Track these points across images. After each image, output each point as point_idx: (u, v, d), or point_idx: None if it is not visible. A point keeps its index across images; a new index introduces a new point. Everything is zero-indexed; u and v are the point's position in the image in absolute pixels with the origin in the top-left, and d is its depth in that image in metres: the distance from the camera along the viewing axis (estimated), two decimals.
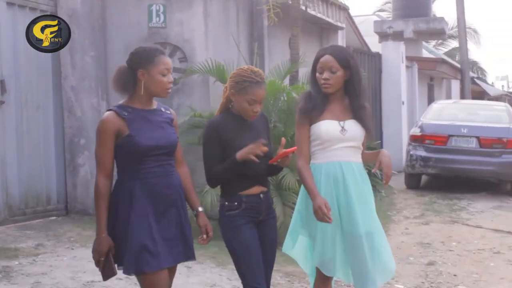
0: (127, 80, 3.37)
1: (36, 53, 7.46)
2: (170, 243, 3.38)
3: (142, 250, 3.26)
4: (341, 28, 12.49)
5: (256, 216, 3.68)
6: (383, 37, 19.38)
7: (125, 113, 3.33)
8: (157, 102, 3.52)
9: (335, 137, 3.72)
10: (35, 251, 6.30)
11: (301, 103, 3.84)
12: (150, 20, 7.88)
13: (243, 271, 3.64)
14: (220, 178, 3.66)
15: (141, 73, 3.34)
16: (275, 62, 8.68)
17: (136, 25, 7.91)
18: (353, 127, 3.77)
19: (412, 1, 21.75)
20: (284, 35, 9.67)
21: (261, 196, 3.70)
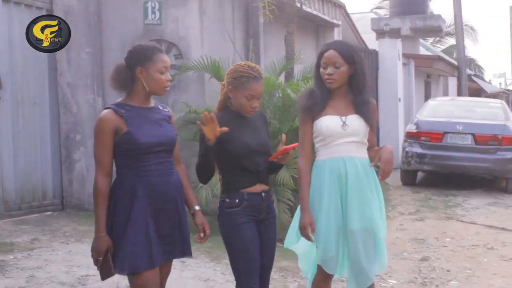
0: (125, 78, 3.36)
1: (32, 50, 7.45)
2: (165, 240, 3.37)
3: (136, 250, 3.25)
4: (337, 25, 12.52)
5: (256, 215, 3.62)
6: (380, 34, 19.42)
7: (123, 110, 3.32)
8: (154, 100, 3.51)
9: (336, 132, 3.69)
10: (30, 246, 6.34)
11: (302, 101, 3.83)
12: (145, 17, 7.91)
13: (240, 270, 3.60)
14: (201, 168, 3.57)
15: (139, 71, 3.33)
16: (270, 59, 8.71)
17: (131, 22, 7.95)
18: (355, 122, 3.72)
19: None
20: (280, 32, 9.70)
21: (262, 195, 3.65)
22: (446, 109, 12.57)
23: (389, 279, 5.89)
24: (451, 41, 32.43)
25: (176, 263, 3.62)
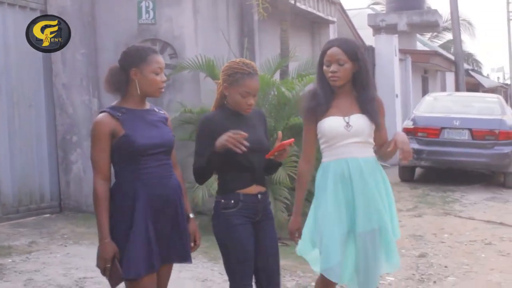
0: (119, 80, 3.31)
1: (26, 51, 7.47)
2: (163, 243, 3.33)
3: (139, 254, 3.21)
4: (332, 22, 12.51)
5: (252, 217, 3.57)
6: (376, 30, 19.41)
7: (119, 113, 3.27)
8: (149, 103, 3.46)
9: (339, 134, 3.61)
10: (28, 249, 6.33)
11: (305, 102, 3.76)
12: (139, 16, 7.90)
13: (234, 271, 3.56)
14: (202, 171, 3.54)
15: (133, 72, 3.28)
16: (266, 56, 8.70)
17: (126, 22, 7.94)
18: (358, 122, 3.63)
19: None
20: (275, 30, 9.69)
21: (259, 196, 3.59)
22: (443, 104, 12.57)
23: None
24: (449, 36, 32.43)
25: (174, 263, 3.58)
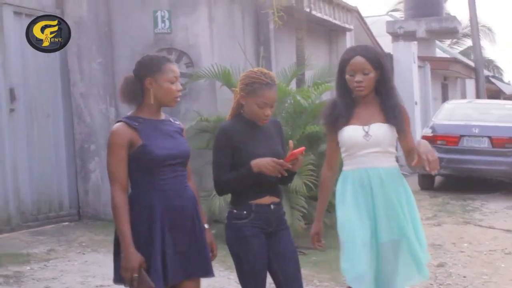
0: (134, 90, 3.28)
1: (44, 61, 7.62)
2: (182, 256, 3.27)
3: (153, 270, 3.16)
4: (349, 30, 12.49)
5: (265, 227, 3.53)
6: (395, 37, 19.36)
7: (135, 123, 3.23)
8: (164, 113, 3.42)
9: (358, 143, 3.56)
10: (46, 256, 6.38)
11: (326, 113, 3.72)
12: (155, 26, 7.94)
13: (247, 282, 3.54)
14: (230, 187, 3.54)
15: (148, 81, 3.25)
16: (282, 64, 8.71)
17: (142, 31, 7.97)
18: (378, 131, 3.56)
19: (424, 0, 21.66)
20: (291, 38, 9.69)
21: (272, 207, 3.55)
22: (462, 112, 12.43)
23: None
24: (469, 42, 32.21)
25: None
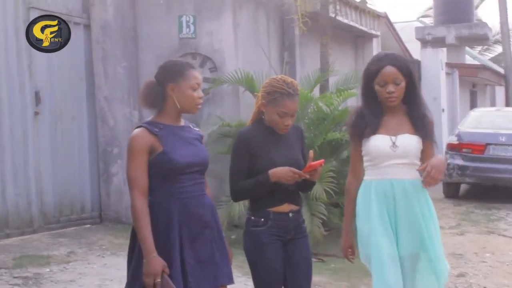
0: (155, 95, 3.23)
1: (69, 65, 7.73)
2: (204, 265, 3.23)
3: (171, 276, 3.10)
4: (375, 36, 12.43)
5: (283, 235, 3.50)
6: (424, 43, 19.21)
7: (156, 129, 3.18)
8: (184, 120, 3.38)
9: (384, 154, 3.47)
10: (66, 259, 6.43)
11: (352, 120, 3.63)
12: (180, 31, 7.98)
13: None
14: (246, 194, 3.53)
15: (170, 87, 3.20)
16: (307, 70, 8.70)
17: (166, 36, 8.03)
18: (406, 143, 3.47)
19: (454, 6, 21.48)
20: (316, 43, 9.67)
21: (290, 215, 3.52)
22: (489, 120, 12.26)
23: None
24: (500, 49, 31.86)
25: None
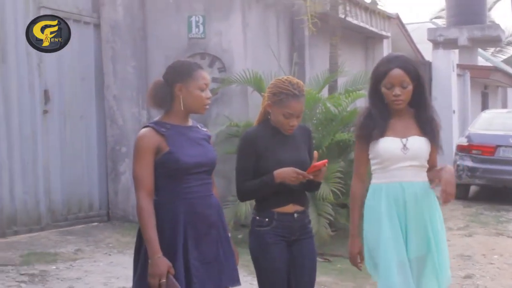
0: (163, 95, 3.21)
1: (79, 64, 7.76)
2: (209, 266, 3.22)
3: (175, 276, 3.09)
4: (386, 37, 12.40)
5: (288, 236, 3.50)
6: (436, 44, 19.15)
7: (163, 129, 3.17)
8: (192, 120, 3.37)
9: (395, 156, 3.41)
10: (73, 256, 6.47)
11: (360, 121, 3.57)
12: (189, 31, 8.01)
13: None
14: (252, 194, 3.53)
15: (178, 87, 3.19)
16: (316, 71, 8.71)
17: (176, 36, 8.06)
18: (416, 145, 3.43)
19: (467, 8, 21.37)
20: (326, 44, 9.66)
21: (295, 215, 3.51)
22: (500, 121, 12.18)
23: None
24: None
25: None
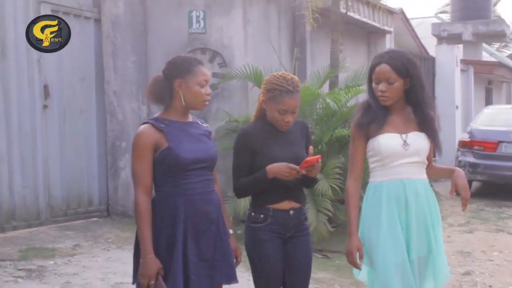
0: (162, 90, 3.21)
1: (79, 59, 7.76)
2: (207, 263, 3.22)
3: (173, 273, 3.11)
4: (388, 32, 12.36)
5: (283, 233, 3.48)
6: (440, 40, 19.08)
7: (162, 125, 3.16)
8: (192, 115, 3.36)
9: (396, 152, 3.34)
10: (71, 251, 6.48)
11: (357, 115, 3.48)
12: (190, 26, 8.00)
13: (260, 285, 3.55)
14: (247, 190, 3.51)
15: (178, 83, 3.18)
16: (318, 66, 8.68)
17: (176, 31, 8.04)
18: (416, 141, 3.37)
19: (472, 2, 21.26)
20: (328, 40, 9.62)
21: (290, 212, 3.49)
22: (503, 117, 12.12)
23: None
24: None
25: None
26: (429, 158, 3.55)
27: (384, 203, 3.36)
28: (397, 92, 3.36)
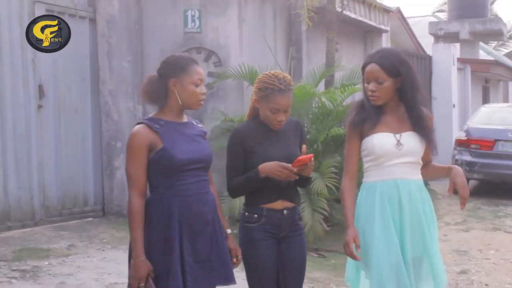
0: (157, 90, 3.19)
1: (74, 58, 7.74)
2: (204, 265, 3.20)
3: (172, 275, 3.09)
4: (385, 31, 12.34)
5: (276, 232, 3.47)
6: (437, 38, 19.08)
7: (157, 125, 3.13)
8: (187, 116, 3.34)
9: (389, 152, 3.32)
10: (66, 252, 6.46)
11: (351, 114, 3.48)
12: (185, 25, 7.99)
13: (253, 285, 3.54)
14: (240, 190, 3.49)
15: (172, 82, 3.16)
16: (314, 65, 8.66)
17: (172, 30, 8.03)
18: (410, 141, 3.35)
19: (469, 1, 21.31)
20: (324, 39, 9.61)
21: (284, 212, 3.47)
22: (499, 116, 12.11)
23: None
24: None
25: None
26: (427, 157, 3.52)
27: (377, 203, 3.35)
28: (387, 92, 3.33)
